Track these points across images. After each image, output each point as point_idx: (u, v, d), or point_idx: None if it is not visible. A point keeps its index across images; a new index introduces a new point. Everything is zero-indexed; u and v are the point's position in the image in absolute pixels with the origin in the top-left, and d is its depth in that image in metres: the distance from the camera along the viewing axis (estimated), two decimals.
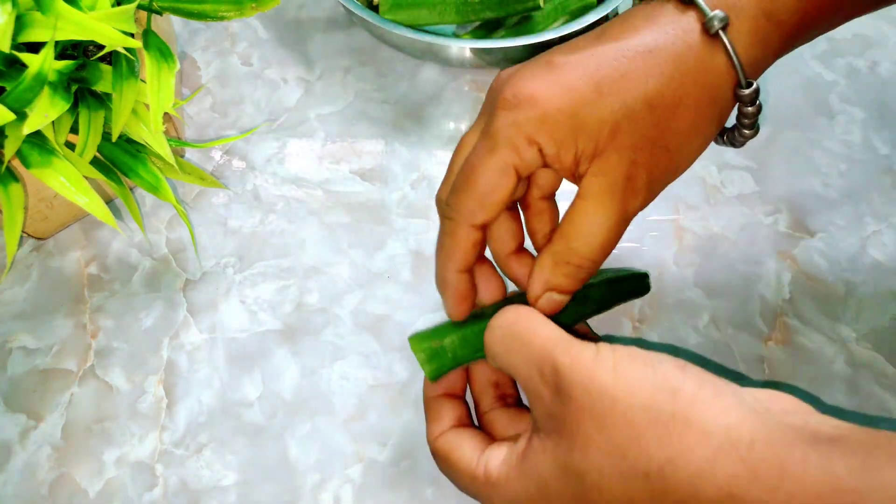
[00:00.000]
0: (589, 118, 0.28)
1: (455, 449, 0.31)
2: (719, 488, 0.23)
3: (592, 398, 0.25)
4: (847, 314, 0.42)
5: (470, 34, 0.51)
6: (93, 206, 0.34)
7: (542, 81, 0.28)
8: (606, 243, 0.29)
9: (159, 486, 0.37)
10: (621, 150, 0.28)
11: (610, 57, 0.28)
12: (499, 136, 0.29)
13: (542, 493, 0.27)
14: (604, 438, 0.24)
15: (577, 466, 0.25)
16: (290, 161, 0.47)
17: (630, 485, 0.24)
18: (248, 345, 0.41)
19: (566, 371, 0.26)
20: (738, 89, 0.29)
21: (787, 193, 0.46)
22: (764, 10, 0.29)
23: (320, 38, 0.53)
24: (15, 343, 0.41)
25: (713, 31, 0.28)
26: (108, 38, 0.32)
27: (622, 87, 0.28)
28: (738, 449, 0.23)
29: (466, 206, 0.30)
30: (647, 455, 0.24)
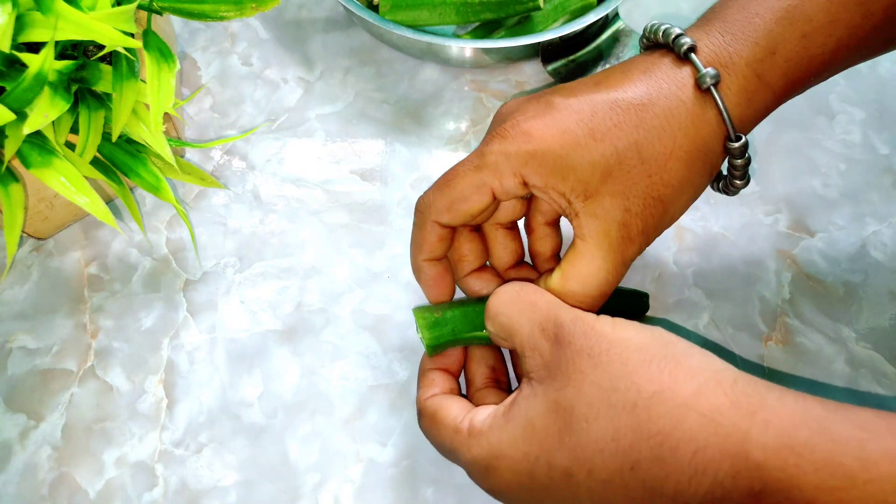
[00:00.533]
0: (580, 160, 0.30)
1: (443, 408, 0.31)
2: (702, 415, 0.24)
3: (590, 341, 0.27)
4: (847, 314, 0.42)
5: (470, 34, 0.51)
6: (93, 206, 0.34)
7: (539, 121, 0.30)
8: (602, 287, 0.31)
9: (159, 486, 0.37)
10: (614, 195, 0.30)
11: (606, 106, 0.30)
12: (487, 158, 0.31)
13: (525, 434, 0.27)
14: (597, 374, 0.26)
15: (568, 401, 0.26)
16: (290, 161, 0.47)
17: (617, 415, 0.25)
18: (248, 345, 0.41)
19: (568, 323, 0.28)
20: (728, 143, 0.31)
21: (787, 193, 0.46)
22: (755, 70, 0.31)
23: (320, 38, 0.53)
24: (15, 343, 0.41)
25: (705, 86, 0.30)
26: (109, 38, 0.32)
27: (615, 135, 0.30)
28: (721, 385, 0.25)
29: (436, 205, 0.33)
30: (637, 388, 0.25)
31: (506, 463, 0.27)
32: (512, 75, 0.51)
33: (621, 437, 0.25)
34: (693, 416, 0.24)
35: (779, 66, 0.31)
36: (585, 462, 0.26)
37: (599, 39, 0.48)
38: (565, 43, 0.48)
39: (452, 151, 0.48)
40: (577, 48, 0.48)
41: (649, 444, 0.25)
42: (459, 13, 0.49)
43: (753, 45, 0.30)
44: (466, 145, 0.48)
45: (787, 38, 0.31)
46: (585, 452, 0.26)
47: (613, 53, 0.48)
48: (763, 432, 0.24)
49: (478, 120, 0.49)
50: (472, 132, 0.49)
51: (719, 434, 0.24)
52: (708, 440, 0.24)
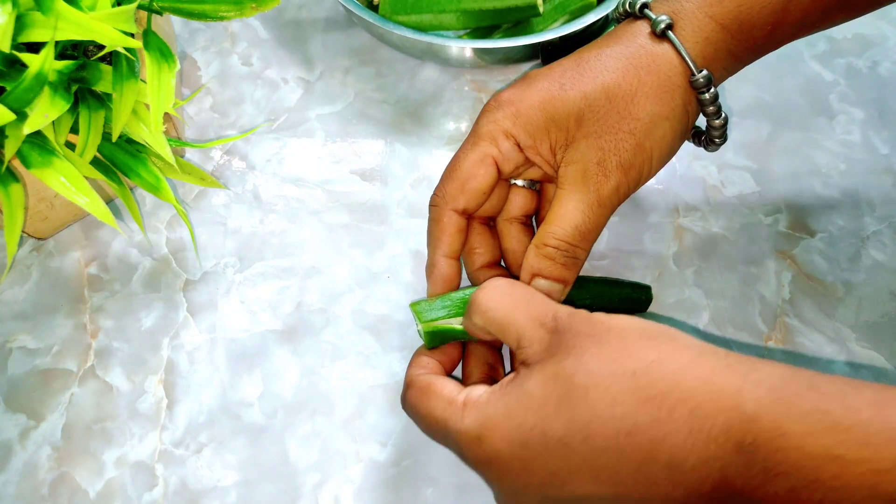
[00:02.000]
0: (556, 110, 0.33)
1: (437, 383, 0.31)
2: (697, 376, 0.26)
3: (590, 326, 0.28)
4: (847, 314, 0.42)
5: (469, 34, 0.51)
6: (93, 206, 0.34)
7: (518, 88, 0.34)
8: (582, 225, 0.33)
9: (159, 486, 0.37)
10: (588, 136, 0.33)
11: (573, 63, 0.34)
12: (480, 131, 0.34)
13: (520, 404, 0.28)
14: (598, 348, 0.27)
15: (567, 371, 0.27)
16: (290, 161, 0.47)
17: (616, 382, 0.26)
18: (248, 345, 0.41)
19: (566, 315, 0.29)
20: (692, 78, 0.33)
21: (787, 193, 0.46)
22: (706, 13, 0.33)
23: (320, 38, 0.53)
24: (15, 343, 0.41)
25: (658, 30, 0.33)
26: (109, 38, 0.32)
27: (582, 82, 0.33)
28: (716, 354, 0.27)
29: (449, 192, 0.35)
30: (636, 357, 0.27)
31: (498, 433, 0.28)
32: (512, 75, 0.51)
33: (619, 402, 0.26)
34: (690, 377, 0.26)
35: (728, 9, 0.33)
36: (582, 428, 0.26)
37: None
38: (565, 43, 0.48)
39: (452, 151, 0.48)
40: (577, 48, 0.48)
41: (647, 409, 0.25)
42: (459, 20, 0.49)
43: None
44: None
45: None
46: (582, 418, 0.26)
47: None
48: (755, 388, 0.25)
49: None
50: None
51: (713, 392, 0.25)
52: (704, 398, 0.25)
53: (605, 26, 0.48)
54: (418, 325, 0.35)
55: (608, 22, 0.48)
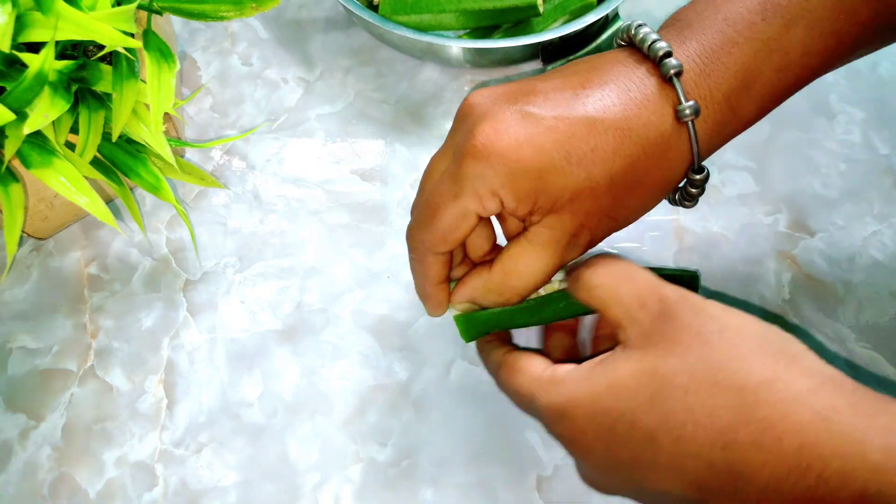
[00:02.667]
0: (553, 183, 0.29)
1: (524, 358, 0.31)
2: (815, 412, 0.24)
3: (700, 320, 0.26)
4: (847, 314, 0.42)
5: (469, 34, 0.51)
6: (93, 206, 0.34)
7: (514, 138, 0.29)
8: (538, 283, 0.32)
9: (159, 486, 0.37)
10: (575, 213, 0.30)
11: (584, 127, 0.29)
12: (465, 184, 0.30)
13: (610, 390, 0.27)
14: (705, 351, 0.26)
15: (668, 369, 0.26)
16: (290, 161, 0.47)
17: (721, 393, 0.25)
18: (248, 345, 0.41)
19: (674, 300, 0.28)
20: (691, 173, 0.31)
21: (787, 193, 0.46)
22: (730, 103, 0.30)
23: (320, 38, 0.53)
24: (15, 343, 0.41)
25: (684, 119, 0.30)
26: (109, 38, 0.32)
27: (591, 161, 0.29)
28: (841, 388, 0.24)
29: (429, 241, 0.32)
30: (747, 372, 0.25)
31: (583, 412, 0.27)
32: (512, 75, 0.51)
33: (719, 414, 0.25)
34: (805, 411, 0.24)
35: (753, 99, 0.31)
36: (674, 429, 0.25)
37: (599, 39, 0.48)
38: (565, 43, 0.48)
39: None
40: (577, 48, 0.48)
41: (749, 429, 0.24)
42: (459, 20, 0.49)
43: (732, 78, 0.30)
44: None
45: (763, 73, 0.31)
46: (676, 419, 0.25)
47: None
48: (884, 435, 0.23)
49: None
50: None
51: (832, 432, 0.23)
52: (818, 436, 0.23)
53: (605, 26, 0.48)
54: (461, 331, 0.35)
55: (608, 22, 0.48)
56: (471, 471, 0.38)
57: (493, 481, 0.37)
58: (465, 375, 0.40)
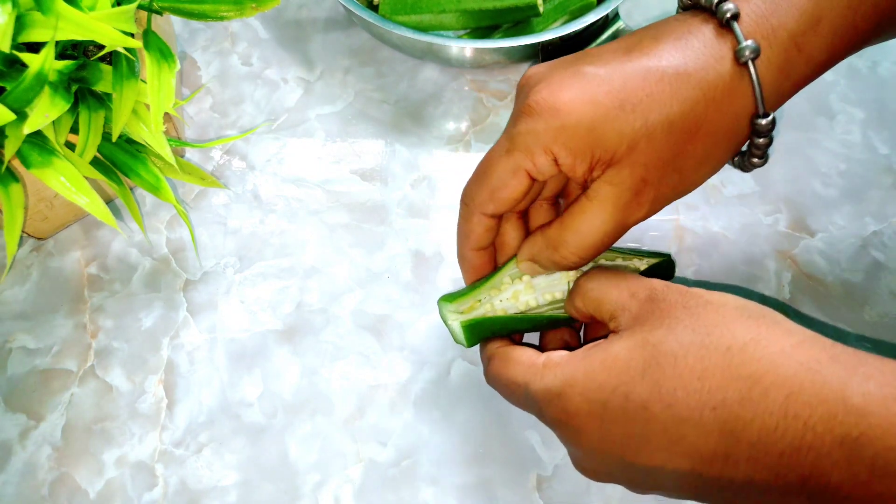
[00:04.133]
0: (608, 132, 0.29)
1: (517, 350, 0.32)
2: (799, 363, 0.25)
3: (686, 298, 0.28)
4: (847, 314, 0.42)
5: (470, 34, 0.51)
6: (93, 206, 0.34)
7: (567, 92, 0.29)
8: (598, 245, 0.31)
9: (159, 486, 0.37)
10: (635, 165, 0.29)
11: (638, 75, 0.29)
12: (517, 140, 0.30)
13: (604, 365, 0.27)
14: (692, 320, 0.27)
15: (657, 338, 0.27)
16: (290, 161, 0.47)
17: (708, 355, 0.26)
18: (248, 345, 0.41)
19: (661, 287, 0.29)
20: (756, 119, 0.30)
21: (787, 193, 0.46)
22: (796, 42, 0.29)
23: (320, 38, 0.53)
24: (15, 343, 0.41)
25: (743, 60, 0.29)
26: (109, 38, 0.32)
27: (646, 106, 0.29)
28: (821, 342, 0.25)
29: (479, 197, 0.32)
30: (733, 333, 0.26)
31: (578, 390, 0.28)
32: (512, 75, 0.51)
33: (709, 376, 0.25)
34: (789, 362, 0.25)
35: (822, 37, 0.29)
36: (666, 396, 0.26)
37: (599, 39, 0.48)
38: (565, 43, 0.48)
39: (452, 151, 0.48)
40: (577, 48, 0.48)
41: (737, 386, 0.25)
42: (459, 20, 0.49)
43: (799, 15, 0.29)
44: (466, 145, 0.48)
45: (834, 7, 0.29)
46: (667, 386, 0.26)
47: None
48: (864, 382, 0.24)
49: (478, 120, 0.49)
50: (472, 132, 0.49)
51: (816, 381, 0.24)
52: (803, 385, 0.24)
53: (605, 26, 0.48)
54: (451, 322, 0.35)
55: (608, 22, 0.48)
56: (471, 471, 0.38)
57: (493, 481, 0.37)
58: (465, 375, 0.40)
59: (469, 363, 0.41)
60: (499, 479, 0.38)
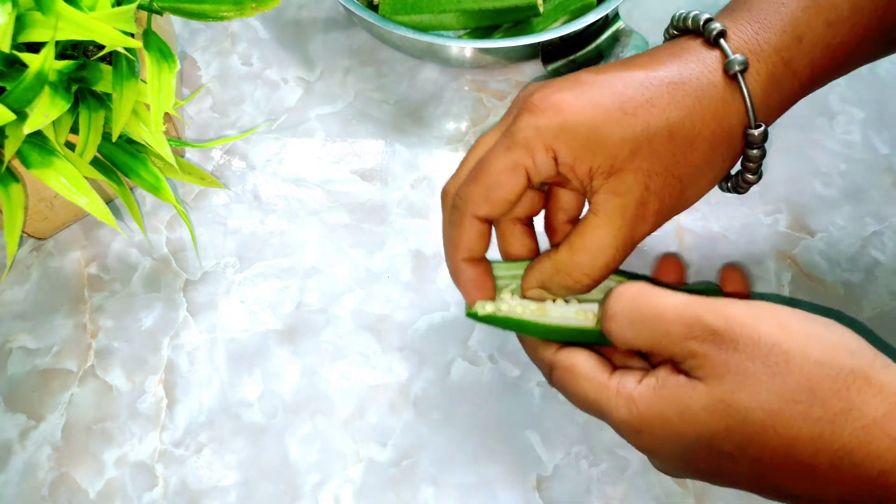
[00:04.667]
0: (610, 135, 0.29)
1: (580, 361, 0.31)
2: (893, 438, 0.24)
3: (763, 350, 0.26)
4: (847, 314, 0.42)
5: (470, 34, 0.51)
6: (93, 206, 0.34)
7: (569, 93, 0.30)
8: (611, 263, 0.30)
9: (159, 486, 0.37)
10: (637, 172, 0.29)
11: (637, 82, 0.30)
12: (517, 135, 0.30)
13: (681, 419, 0.27)
14: (777, 384, 0.26)
15: (740, 406, 0.26)
16: (290, 161, 0.47)
17: (798, 426, 0.25)
18: (248, 345, 0.41)
19: (724, 328, 0.27)
20: (748, 130, 0.31)
21: (787, 193, 0.46)
22: (782, 57, 0.31)
23: (320, 38, 0.53)
24: (15, 343, 0.41)
25: (732, 72, 0.30)
26: (109, 38, 0.32)
27: (647, 111, 0.29)
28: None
29: (473, 196, 0.31)
30: (822, 403, 0.25)
31: (656, 433, 0.28)
32: (512, 75, 0.51)
33: (798, 447, 0.25)
34: (882, 436, 0.24)
35: (805, 53, 0.31)
36: (753, 455, 0.26)
37: (599, 39, 0.48)
38: (565, 43, 0.48)
39: (452, 151, 0.48)
40: (577, 48, 0.48)
41: (828, 456, 0.25)
42: (459, 20, 0.49)
43: (781, 33, 0.31)
44: (466, 145, 0.48)
45: (813, 26, 0.31)
46: (754, 450, 0.26)
47: (613, 53, 0.48)
48: None
49: (478, 120, 0.49)
50: (472, 132, 0.49)
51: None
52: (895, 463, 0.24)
53: (605, 26, 0.48)
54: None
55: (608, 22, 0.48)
56: (471, 471, 0.38)
57: (493, 481, 0.37)
58: (465, 375, 0.40)
59: (469, 363, 0.41)
60: (499, 479, 0.38)
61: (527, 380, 0.40)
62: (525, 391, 0.40)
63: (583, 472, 0.38)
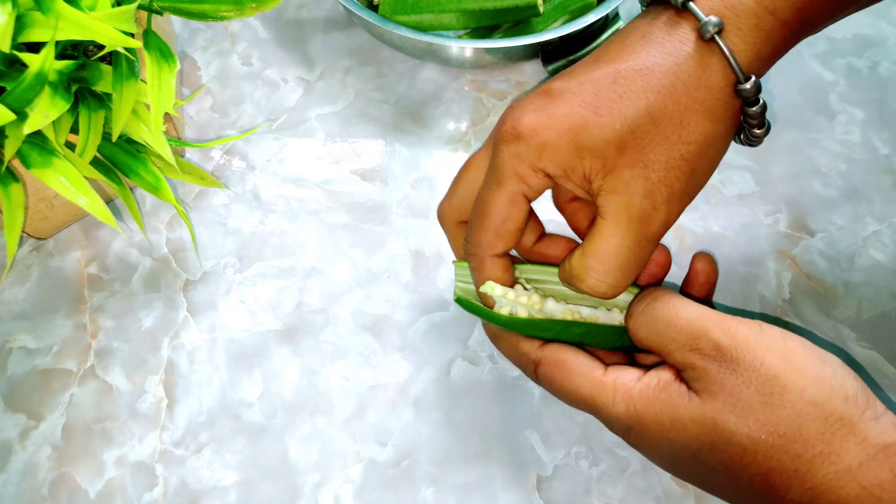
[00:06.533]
0: (591, 138, 0.28)
1: (569, 357, 0.31)
2: (862, 487, 0.25)
3: (761, 379, 0.27)
4: (847, 314, 0.42)
5: (470, 34, 0.51)
6: (93, 206, 0.34)
7: (540, 112, 0.29)
8: (627, 264, 0.30)
9: (159, 486, 0.37)
10: (632, 165, 0.28)
11: (607, 80, 0.29)
12: (503, 169, 0.30)
13: (672, 425, 0.28)
14: (766, 414, 0.26)
15: (728, 427, 0.27)
16: (290, 161, 0.47)
17: (777, 458, 0.26)
18: (248, 345, 0.41)
19: (728, 346, 0.27)
20: (739, 86, 0.29)
21: (787, 193, 0.46)
22: (766, 7, 0.29)
23: (320, 38, 0.53)
24: (15, 343, 0.41)
25: (708, 36, 0.28)
26: (109, 38, 0.32)
27: (622, 105, 0.28)
28: (890, 460, 0.25)
29: (485, 240, 0.31)
30: (804, 442, 0.26)
31: (648, 433, 0.29)
32: (512, 75, 0.51)
33: (773, 477, 0.26)
34: (853, 484, 0.25)
35: (791, 1, 0.29)
36: (731, 474, 0.27)
37: (599, 39, 0.48)
38: (565, 43, 0.48)
39: (452, 151, 0.48)
40: (577, 48, 0.48)
41: (800, 492, 0.26)
42: (459, 20, 0.49)
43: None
44: (466, 145, 0.48)
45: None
46: (733, 470, 0.27)
47: None
48: None
49: (478, 120, 0.49)
50: (472, 132, 0.49)
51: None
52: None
53: (605, 26, 0.48)
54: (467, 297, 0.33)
55: (608, 22, 0.48)
56: (471, 471, 0.38)
57: (493, 481, 0.37)
58: (465, 375, 0.40)
59: (469, 363, 0.41)
60: (499, 479, 0.38)
61: (527, 380, 0.40)
62: (525, 391, 0.40)
63: (583, 472, 0.38)
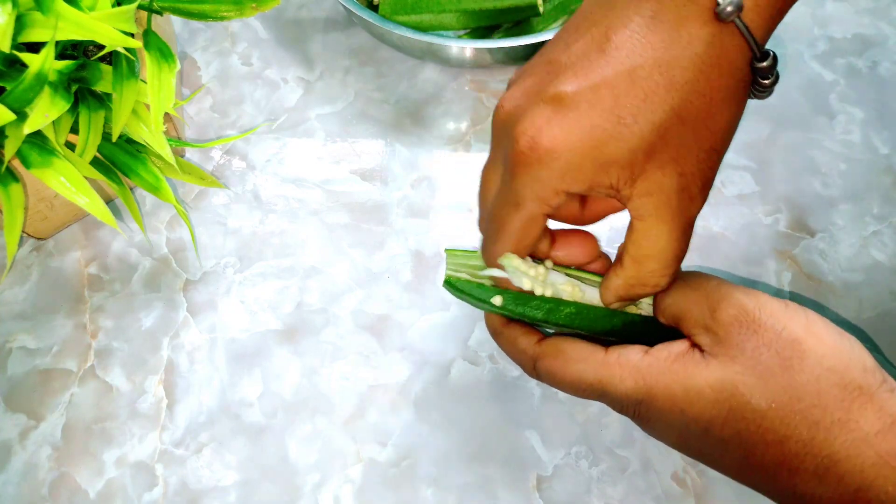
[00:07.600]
0: (617, 151, 0.27)
1: (569, 346, 0.31)
2: (878, 455, 0.25)
3: (782, 344, 0.27)
4: (847, 314, 0.42)
5: (470, 34, 0.51)
6: (93, 206, 0.34)
7: (559, 128, 0.27)
8: (678, 253, 0.30)
9: (159, 486, 0.37)
10: (664, 166, 0.27)
11: (625, 83, 0.26)
12: (524, 193, 0.28)
13: (685, 394, 0.27)
14: (786, 378, 0.26)
15: (746, 390, 0.26)
16: (290, 161, 0.47)
17: (794, 424, 0.26)
18: (248, 345, 0.41)
19: (753, 309, 0.27)
20: (755, 62, 0.28)
21: (787, 193, 0.46)
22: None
23: (320, 38, 0.53)
24: (15, 343, 0.41)
25: (730, 18, 0.26)
26: (109, 38, 0.32)
27: (647, 109, 0.26)
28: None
29: (499, 251, 0.31)
30: (823, 408, 0.26)
31: (658, 405, 0.28)
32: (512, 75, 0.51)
33: (790, 444, 0.26)
34: (869, 453, 0.25)
35: None
36: (745, 445, 0.27)
37: None
38: None
39: (452, 151, 0.48)
40: None
41: (815, 461, 0.25)
42: (459, 20, 0.49)
43: None
44: (466, 145, 0.48)
45: None
46: (748, 439, 0.26)
47: None
48: None
49: (478, 120, 0.49)
50: (472, 132, 0.49)
51: (889, 478, 0.24)
52: (876, 480, 0.25)
53: None
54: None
55: None
56: (471, 471, 0.38)
57: (493, 481, 0.37)
58: (465, 375, 0.40)
59: (469, 363, 0.41)
60: (499, 479, 0.38)
61: (527, 380, 0.40)
62: (525, 391, 0.40)
63: (583, 472, 0.38)
